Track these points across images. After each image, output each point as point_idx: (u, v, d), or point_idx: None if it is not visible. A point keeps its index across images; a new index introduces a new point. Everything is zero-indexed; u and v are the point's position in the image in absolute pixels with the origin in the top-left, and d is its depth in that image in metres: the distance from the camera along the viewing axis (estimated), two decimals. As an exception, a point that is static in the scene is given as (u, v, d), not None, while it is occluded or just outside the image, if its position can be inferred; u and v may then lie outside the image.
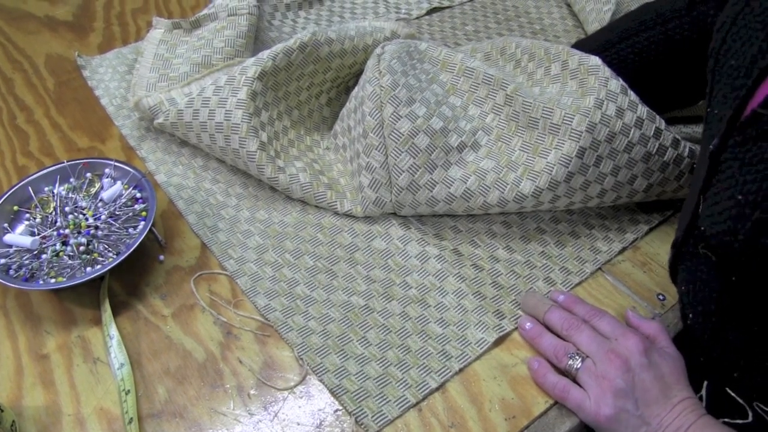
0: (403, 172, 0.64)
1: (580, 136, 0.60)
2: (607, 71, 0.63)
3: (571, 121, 0.60)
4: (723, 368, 0.52)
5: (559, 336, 0.56)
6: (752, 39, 0.46)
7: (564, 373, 0.54)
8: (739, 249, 0.40)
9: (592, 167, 0.61)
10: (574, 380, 0.53)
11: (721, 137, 0.46)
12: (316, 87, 0.77)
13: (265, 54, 0.71)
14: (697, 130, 0.75)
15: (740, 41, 0.48)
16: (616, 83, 0.62)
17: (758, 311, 0.44)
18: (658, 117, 0.63)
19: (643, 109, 0.62)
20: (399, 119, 0.64)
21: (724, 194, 0.42)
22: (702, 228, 0.44)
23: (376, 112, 0.65)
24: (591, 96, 0.61)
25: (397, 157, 0.64)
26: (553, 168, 0.61)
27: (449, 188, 0.64)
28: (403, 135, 0.64)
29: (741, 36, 0.48)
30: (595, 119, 0.60)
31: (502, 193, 0.63)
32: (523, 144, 0.64)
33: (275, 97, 0.73)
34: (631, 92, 0.62)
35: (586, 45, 0.72)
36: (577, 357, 0.53)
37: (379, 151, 0.65)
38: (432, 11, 1.01)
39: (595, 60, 0.64)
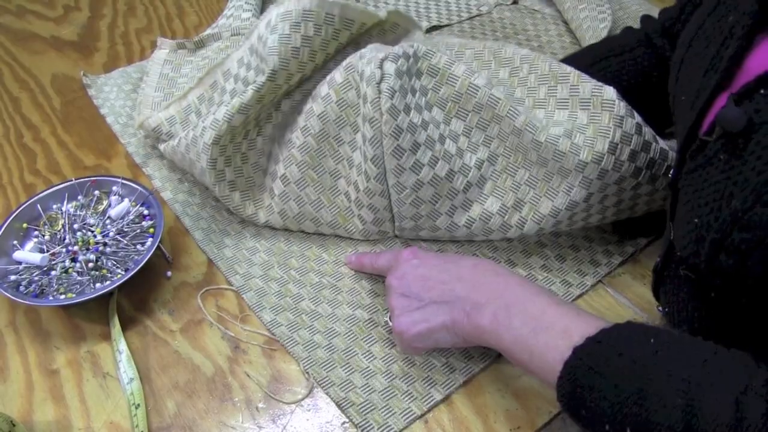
0: (406, 218, 0.65)
1: (590, 183, 0.59)
2: (622, 108, 0.58)
3: (583, 170, 0.58)
4: None
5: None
6: (695, 76, 0.50)
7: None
8: (704, 269, 0.43)
9: (596, 204, 0.61)
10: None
11: (676, 167, 0.50)
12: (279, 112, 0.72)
13: (220, 114, 0.65)
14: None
15: (687, 78, 0.51)
16: (631, 122, 0.58)
17: (737, 326, 0.46)
18: (670, 153, 0.60)
19: (657, 148, 0.59)
20: (403, 172, 0.61)
21: (685, 219, 0.45)
22: (678, 252, 0.47)
23: (379, 161, 0.61)
24: (605, 139, 0.58)
25: (401, 207, 0.64)
26: (558, 213, 0.61)
27: (452, 232, 0.66)
28: (406, 188, 0.62)
29: (688, 74, 0.52)
30: (607, 166, 0.58)
31: (505, 234, 0.64)
32: (530, 178, 0.62)
33: (236, 145, 0.69)
34: (646, 129, 0.59)
35: (570, 64, 0.73)
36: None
37: (382, 197, 0.64)
38: (431, 29, 1.03)
39: (610, 93, 0.59)
